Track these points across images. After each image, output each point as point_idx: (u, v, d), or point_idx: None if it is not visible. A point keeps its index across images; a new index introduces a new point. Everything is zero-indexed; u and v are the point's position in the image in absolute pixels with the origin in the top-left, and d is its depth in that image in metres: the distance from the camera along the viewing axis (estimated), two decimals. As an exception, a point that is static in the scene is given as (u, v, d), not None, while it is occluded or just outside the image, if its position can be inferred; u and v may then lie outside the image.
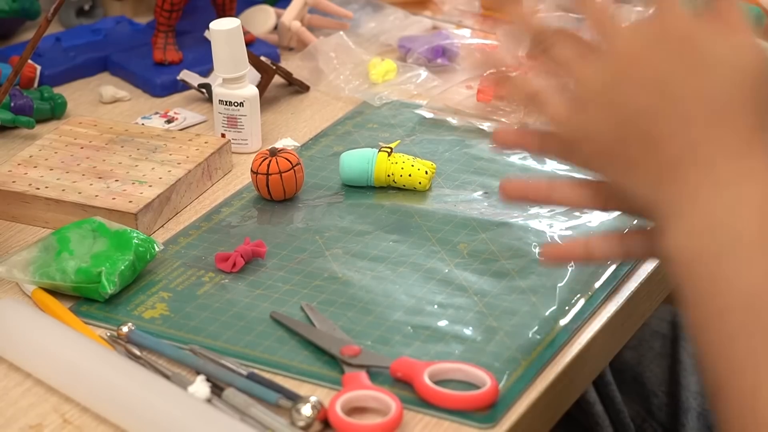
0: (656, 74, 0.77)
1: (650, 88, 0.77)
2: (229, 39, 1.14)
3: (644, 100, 0.77)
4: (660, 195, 0.77)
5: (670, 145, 0.76)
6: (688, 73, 0.76)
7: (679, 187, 0.76)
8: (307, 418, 0.81)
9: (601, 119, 0.79)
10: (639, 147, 0.77)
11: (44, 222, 1.06)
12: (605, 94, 0.78)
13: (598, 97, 0.79)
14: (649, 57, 0.77)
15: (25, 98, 1.22)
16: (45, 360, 0.87)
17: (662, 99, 0.76)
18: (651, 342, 1.31)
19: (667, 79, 0.76)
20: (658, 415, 1.25)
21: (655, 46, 0.77)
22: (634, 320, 1.00)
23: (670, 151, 0.76)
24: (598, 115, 0.79)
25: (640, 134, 0.77)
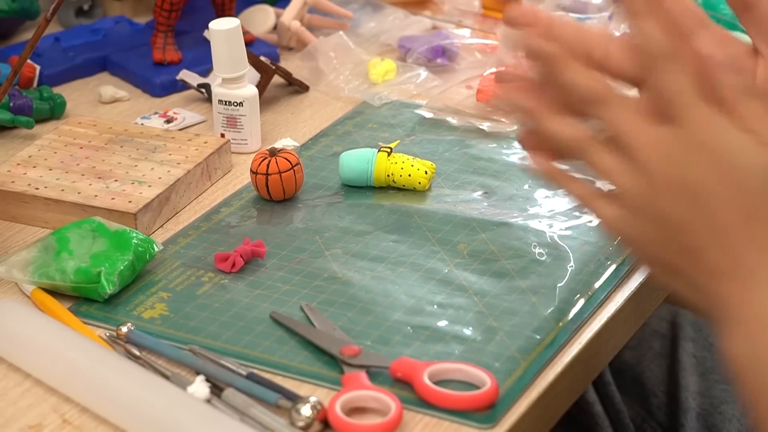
0: (690, 184, 0.77)
1: (686, 199, 0.77)
2: (229, 39, 1.14)
3: (680, 212, 0.77)
4: (708, 302, 0.78)
5: (709, 254, 0.77)
6: (721, 181, 0.76)
7: (726, 294, 0.76)
8: (306, 418, 0.81)
9: (644, 229, 0.79)
10: (681, 257, 0.78)
11: (43, 222, 1.06)
12: (647, 205, 0.79)
13: (641, 207, 0.79)
14: (680, 167, 0.77)
15: (25, 98, 1.21)
16: (44, 360, 0.87)
17: (696, 209, 0.77)
18: (651, 342, 1.31)
19: (701, 188, 0.76)
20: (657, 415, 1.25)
21: (685, 155, 0.77)
22: (634, 320, 1.00)
23: (711, 261, 0.77)
24: (641, 224, 0.79)
25: (681, 244, 0.78)
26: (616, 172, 0.80)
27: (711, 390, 1.24)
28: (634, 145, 0.79)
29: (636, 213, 0.80)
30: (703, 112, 0.77)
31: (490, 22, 1.45)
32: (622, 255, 0.99)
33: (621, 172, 0.80)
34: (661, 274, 0.81)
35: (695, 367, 1.26)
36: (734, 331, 0.76)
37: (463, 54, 1.35)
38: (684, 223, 0.77)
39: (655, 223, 0.79)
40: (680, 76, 0.78)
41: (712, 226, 0.77)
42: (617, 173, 0.80)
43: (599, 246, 1.00)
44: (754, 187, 0.76)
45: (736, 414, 1.22)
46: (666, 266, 0.80)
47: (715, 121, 0.77)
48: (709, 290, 0.78)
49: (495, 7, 1.47)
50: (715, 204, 0.76)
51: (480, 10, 1.48)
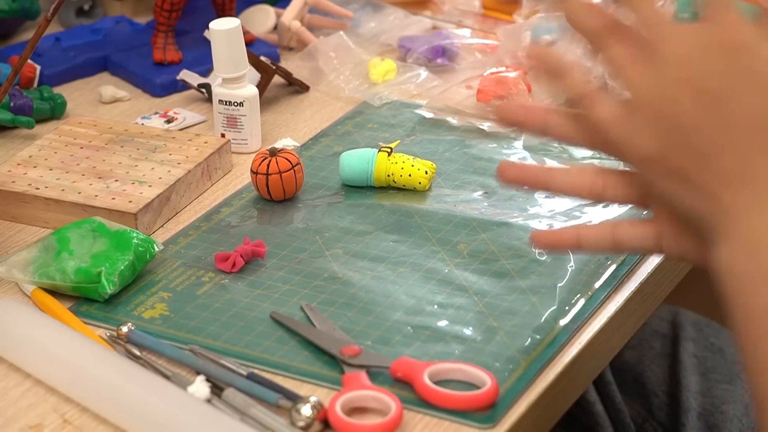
0: (710, 86, 0.75)
1: (704, 100, 0.75)
2: (229, 39, 1.14)
3: (698, 113, 0.75)
4: (709, 209, 0.76)
5: (721, 160, 0.75)
6: (744, 87, 0.74)
7: (730, 203, 0.74)
8: (306, 418, 0.81)
9: (652, 127, 0.77)
10: (689, 159, 0.76)
11: (44, 222, 1.06)
12: (658, 103, 0.76)
13: (650, 105, 0.77)
14: (704, 66, 0.75)
15: (25, 98, 1.21)
16: (45, 360, 0.87)
17: (716, 113, 0.75)
18: (651, 342, 1.31)
19: (722, 92, 0.74)
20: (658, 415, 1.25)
21: (710, 55, 0.75)
22: (634, 320, 1.00)
23: (722, 166, 0.75)
24: (649, 122, 0.77)
25: (692, 146, 0.75)
26: (632, 64, 0.78)
27: (712, 390, 1.24)
28: (658, 35, 0.76)
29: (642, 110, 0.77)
30: (734, 15, 0.75)
31: (490, 22, 1.45)
32: (622, 255, 0.99)
33: (638, 65, 0.77)
34: (657, 178, 0.78)
35: (696, 367, 1.26)
36: (734, 244, 0.74)
37: (463, 54, 1.35)
38: (699, 123, 0.75)
39: (666, 121, 0.76)
40: None
41: (728, 131, 0.74)
42: (633, 66, 0.78)
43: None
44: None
45: (737, 414, 1.22)
46: (666, 169, 0.77)
47: (745, 25, 0.75)
48: (714, 197, 0.75)
49: (495, 7, 1.47)
50: (735, 108, 0.74)
51: (480, 10, 1.48)
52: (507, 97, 1.22)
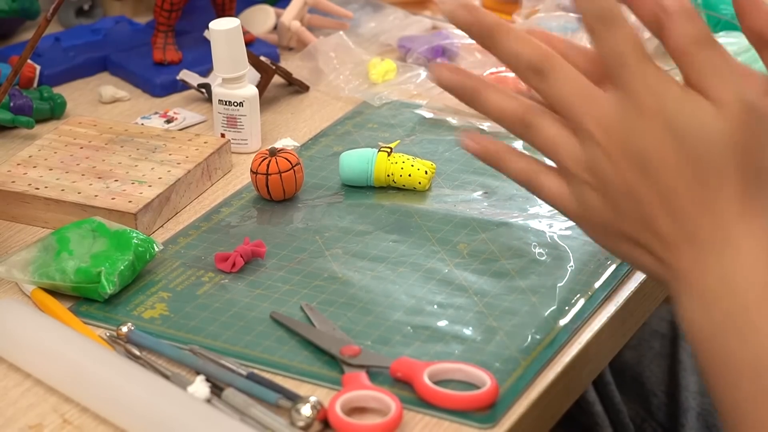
0: (633, 152, 0.75)
1: (631, 166, 0.75)
2: (229, 39, 1.14)
3: (630, 181, 0.75)
4: (662, 270, 0.77)
5: (662, 223, 0.75)
6: (664, 146, 0.74)
7: (675, 263, 0.75)
8: (306, 418, 0.81)
9: (595, 199, 0.77)
10: (633, 225, 0.77)
11: (44, 222, 1.06)
12: (592, 175, 0.77)
13: (586, 177, 0.77)
14: (624, 136, 0.75)
15: (25, 98, 1.21)
16: (45, 360, 0.87)
17: (643, 176, 0.75)
18: (651, 342, 1.31)
19: (645, 155, 0.74)
20: (657, 415, 1.25)
21: (628, 124, 0.75)
22: (634, 320, 1.00)
23: (664, 229, 0.75)
24: (591, 195, 0.77)
25: (632, 212, 0.76)
26: (561, 142, 0.77)
27: (711, 390, 1.24)
28: (578, 112, 0.76)
29: (581, 184, 0.77)
30: (649, 74, 0.74)
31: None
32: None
33: (566, 142, 0.77)
34: (612, 245, 0.79)
35: (695, 367, 1.26)
36: (689, 300, 0.75)
37: (463, 54, 1.35)
38: (635, 192, 0.75)
39: (604, 192, 0.77)
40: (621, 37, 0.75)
41: (664, 195, 0.74)
42: (562, 144, 0.77)
43: (599, 246, 1.00)
44: (706, 153, 0.73)
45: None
46: (618, 236, 0.78)
47: (661, 84, 0.74)
48: (664, 259, 0.76)
49: (495, 7, 1.47)
50: (666, 172, 0.74)
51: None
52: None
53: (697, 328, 0.75)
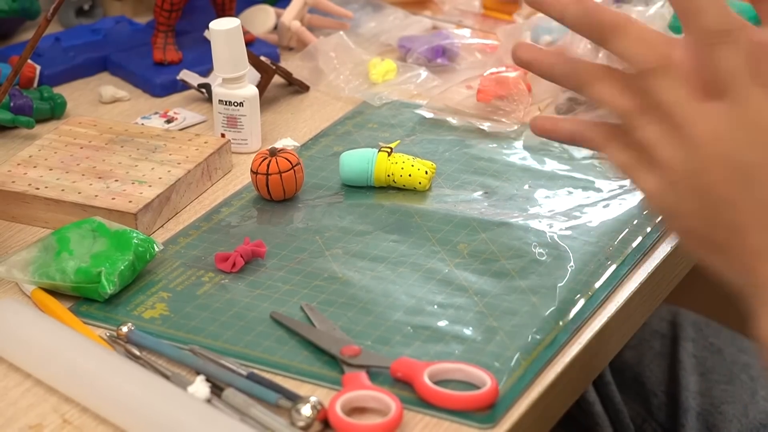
0: (741, 162, 0.76)
1: (734, 177, 0.76)
2: (229, 39, 1.14)
3: (728, 190, 0.76)
4: (746, 282, 0.77)
5: (755, 234, 0.76)
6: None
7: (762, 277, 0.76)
8: (306, 418, 0.81)
9: (688, 201, 0.78)
10: (725, 233, 0.77)
11: (44, 222, 1.06)
12: (690, 179, 0.77)
13: (684, 180, 0.78)
14: (733, 146, 0.76)
15: (25, 98, 1.21)
16: (45, 360, 0.87)
17: (746, 189, 0.76)
18: (651, 342, 1.31)
19: (753, 167, 0.75)
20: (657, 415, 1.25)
21: (739, 136, 0.76)
22: (634, 320, 1.00)
23: (756, 240, 0.76)
24: (685, 196, 0.78)
25: (727, 221, 0.77)
26: (661, 143, 0.78)
27: (711, 390, 1.24)
28: (683, 117, 0.77)
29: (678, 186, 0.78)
30: (759, 91, 0.76)
31: (490, 22, 1.45)
32: (623, 255, 0.99)
33: (666, 144, 0.78)
34: (697, 248, 0.80)
35: (695, 367, 1.26)
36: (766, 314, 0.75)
37: (463, 54, 1.35)
38: (731, 200, 0.76)
39: (700, 197, 0.77)
40: (736, 53, 0.76)
41: (761, 207, 0.75)
42: (662, 145, 0.78)
43: (599, 246, 1.00)
44: None
45: (736, 414, 1.22)
46: (705, 241, 0.79)
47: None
48: (749, 270, 0.77)
49: (495, 7, 1.47)
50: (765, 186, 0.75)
51: (480, 10, 1.48)
52: (507, 97, 1.22)
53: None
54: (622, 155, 0.82)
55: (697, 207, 0.78)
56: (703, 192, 0.77)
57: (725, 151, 0.76)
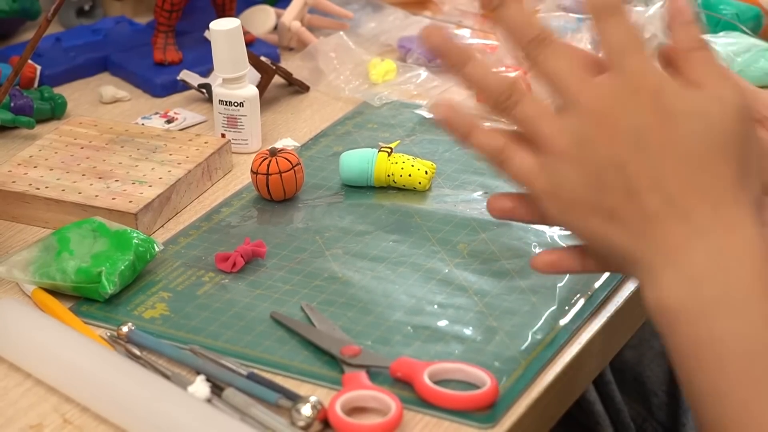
0: (628, 128, 0.76)
1: (623, 141, 0.76)
2: (229, 39, 1.14)
3: (618, 153, 0.76)
4: (641, 247, 0.76)
5: (648, 197, 0.75)
6: (661, 126, 0.75)
7: (660, 239, 0.75)
8: (306, 418, 0.81)
9: (573, 173, 0.78)
10: (617, 197, 0.76)
11: (44, 222, 1.06)
12: (576, 149, 0.77)
13: (568, 151, 0.77)
14: (620, 111, 0.76)
15: (25, 98, 1.22)
16: (45, 360, 0.87)
17: (636, 151, 0.76)
18: (651, 341, 1.31)
19: (640, 132, 0.76)
20: (658, 415, 1.25)
21: (625, 101, 0.76)
22: (634, 320, 1.00)
23: (649, 203, 0.75)
24: (569, 169, 0.78)
25: (618, 185, 0.76)
26: (542, 115, 0.79)
27: (711, 389, 1.24)
28: (572, 86, 0.78)
29: (562, 157, 0.78)
30: (642, 59, 0.77)
31: (490, 22, 1.45)
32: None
33: (548, 115, 0.79)
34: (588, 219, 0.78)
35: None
36: (660, 279, 0.75)
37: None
38: (622, 164, 0.76)
39: (587, 166, 0.77)
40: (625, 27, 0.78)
41: (655, 172, 0.75)
42: (544, 117, 0.79)
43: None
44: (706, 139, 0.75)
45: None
46: (597, 209, 0.78)
47: (653, 68, 0.77)
48: (646, 234, 0.76)
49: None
50: (660, 150, 0.75)
51: (480, 11, 1.48)
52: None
53: (680, 308, 0.74)
54: (487, 136, 0.81)
55: (583, 176, 0.77)
56: (590, 160, 0.77)
57: (613, 116, 0.76)
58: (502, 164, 0.81)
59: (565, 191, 0.78)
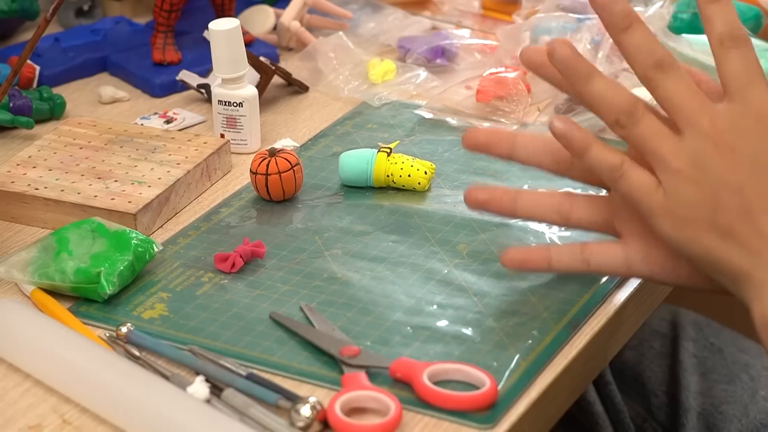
0: (746, 152, 0.80)
1: (741, 164, 0.80)
2: (229, 39, 1.14)
3: (736, 176, 0.80)
4: (754, 265, 0.81)
5: (763, 218, 0.80)
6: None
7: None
8: (306, 418, 0.81)
9: (690, 191, 0.82)
10: (733, 216, 0.81)
11: (43, 222, 1.06)
12: (694, 169, 0.81)
13: (687, 171, 0.81)
14: (739, 136, 0.81)
15: (24, 98, 1.21)
16: (44, 360, 0.87)
17: (753, 174, 0.80)
18: (651, 342, 1.31)
19: (758, 156, 0.80)
20: (658, 415, 1.25)
21: (745, 127, 0.81)
22: (634, 320, 1.00)
23: (765, 223, 0.80)
24: (687, 187, 0.82)
25: (734, 205, 0.81)
26: (664, 135, 0.82)
27: (712, 390, 1.24)
28: (692, 110, 0.81)
29: (679, 177, 0.82)
30: (764, 90, 0.81)
31: (489, 22, 1.45)
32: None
33: (669, 135, 0.82)
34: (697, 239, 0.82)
35: (696, 367, 1.26)
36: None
37: (462, 54, 1.35)
38: (738, 186, 0.80)
39: (703, 186, 0.81)
40: (744, 57, 0.82)
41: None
42: (665, 137, 0.82)
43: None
44: None
45: (736, 414, 1.22)
46: (711, 227, 0.82)
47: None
48: (761, 252, 0.80)
49: (495, 7, 1.47)
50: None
51: (480, 11, 1.48)
52: (506, 97, 1.22)
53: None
54: (605, 152, 0.85)
55: (701, 195, 0.81)
56: (708, 180, 0.81)
57: (732, 140, 0.81)
58: (617, 180, 0.84)
59: (681, 208, 0.82)
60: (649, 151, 0.83)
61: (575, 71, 0.84)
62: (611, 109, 0.83)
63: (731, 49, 0.82)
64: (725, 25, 0.82)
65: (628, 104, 0.83)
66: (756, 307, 0.80)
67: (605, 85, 0.83)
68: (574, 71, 0.84)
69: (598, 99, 0.84)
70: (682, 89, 0.82)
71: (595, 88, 0.83)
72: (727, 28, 0.82)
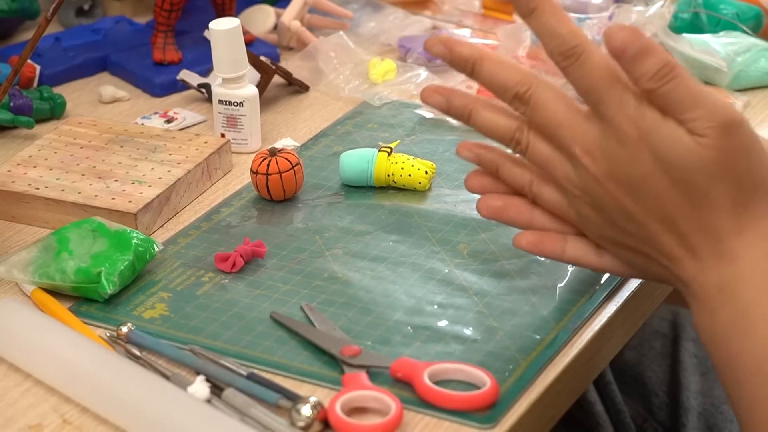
0: (621, 178, 0.78)
1: (620, 190, 0.79)
2: (229, 39, 1.14)
3: (620, 202, 0.79)
4: (667, 277, 0.82)
5: (661, 238, 0.79)
6: (653, 174, 0.77)
7: (683, 274, 0.80)
8: (306, 418, 0.81)
9: (593, 214, 0.82)
10: (637, 240, 0.81)
11: (44, 222, 1.06)
12: (586, 196, 0.81)
13: (582, 197, 0.81)
14: (613, 161, 0.78)
15: (25, 98, 1.21)
16: (45, 360, 0.87)
17: (635, 200, 0.78)
18: (651, 342, 1.31)
19: (633, 181, 0.78)
20: (658, 415, 1.25)
21: (613, 151, 0.78)
22: (634, 320, 1.00)
23: (664, 243, 0.79)
24: (589, 210, 0.82)
25: (633, 230, 0.80)
26: (554, 160, 0.81)
27: (712, 390, 1.24)
28: (565, 137, 0.79)
29: (579, 200, 0.82)
30: (625, 101, 0.76)
31: (490, 22, 1.45)
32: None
33: (559, 161, 0.81)
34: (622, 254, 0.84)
35: (696, 367, 1.26)
36: (696, 307, 0.80)
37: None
38: (631, 213, 0.79)
39: (601, 210, 0.81)
40: (589, 69, 0.77)
41: (660, 216, 0.78)
42: (555, 162, 0.81)
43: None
44: (693, 179, 0.76)
45: (737, 414, 1.22)
46: (623, 245, 0.82)
47: (639, 112, 0.76)
48: (670, 271, 0.80)
49: (495, 7, 1.47)
50: (658, 196, 0.78)
51: (480, 10, 1.48)
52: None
53: (705, 332, 0.80)
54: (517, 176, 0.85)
55: (602, 219, 0.81)
56: (602, 206, 0.80)
57: (607, 167, 0.78)
58: (534, 199, 0.85)
59: (591, 228, 0.83)
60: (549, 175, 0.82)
61: (458, 102, 0.84)
62: (498, 136, 0.83)
63: (577, 62, 0.77)
64: (572, 35, 0.77)
65: (513, 129, 0.82)
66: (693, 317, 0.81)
67: (490, 113, 0.83)
68: (457, 102, 0.84)
69: (486, 128, 0.83)
70: (549, 114, 0.79)
71: (477, 118, 0.83)
72: (574, 38, 0.77)
